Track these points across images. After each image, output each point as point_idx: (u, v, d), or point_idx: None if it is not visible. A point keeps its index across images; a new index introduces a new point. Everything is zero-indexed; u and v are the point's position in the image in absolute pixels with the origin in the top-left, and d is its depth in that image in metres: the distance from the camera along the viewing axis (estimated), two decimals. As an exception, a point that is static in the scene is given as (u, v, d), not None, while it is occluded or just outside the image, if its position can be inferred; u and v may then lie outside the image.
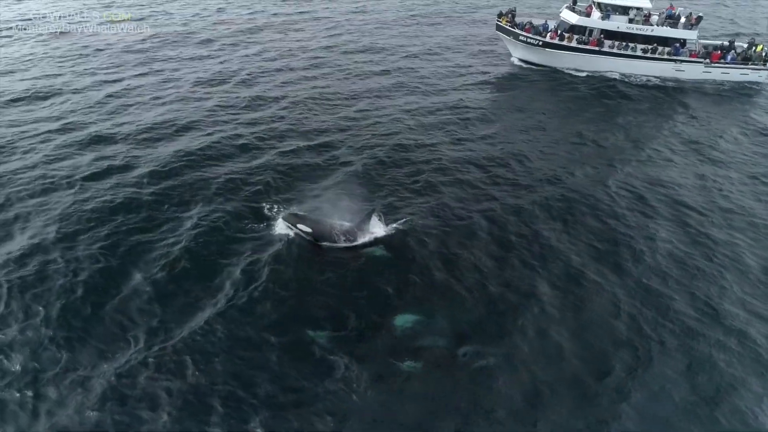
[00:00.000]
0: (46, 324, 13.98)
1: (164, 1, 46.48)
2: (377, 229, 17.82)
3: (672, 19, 34.61)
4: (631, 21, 34.37)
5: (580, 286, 16.43)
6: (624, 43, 34.49)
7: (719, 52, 35.17)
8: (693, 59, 34.79)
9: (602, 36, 34.58)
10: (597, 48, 34.68)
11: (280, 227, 17.58)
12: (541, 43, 35.11)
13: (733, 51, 35.05)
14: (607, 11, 34.36)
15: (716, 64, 34.84)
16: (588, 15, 34.89)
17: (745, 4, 55.76)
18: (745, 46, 35.88)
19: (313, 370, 13.24)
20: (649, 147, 25.90)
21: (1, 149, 22.20)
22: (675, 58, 34.64)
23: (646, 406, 13.03)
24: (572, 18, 34.93)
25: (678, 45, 34.51)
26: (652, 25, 34.40)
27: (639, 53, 34.59)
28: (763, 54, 34.75)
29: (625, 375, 13.72)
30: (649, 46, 34.44)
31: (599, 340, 14.65)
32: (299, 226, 17.26)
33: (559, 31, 35.14)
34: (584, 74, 35.04)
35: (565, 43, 34.83)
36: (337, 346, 13.83)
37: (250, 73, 31.82)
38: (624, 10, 34.33)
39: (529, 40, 35.28)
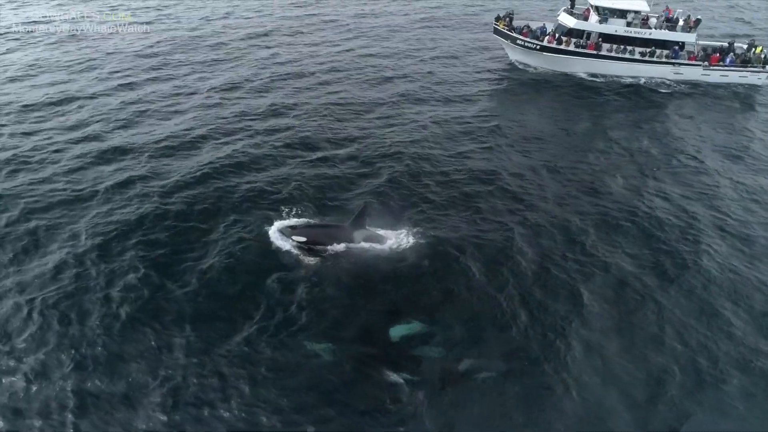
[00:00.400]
0: (82, 339, 14.58)
1: (171, 5, 46.84)
2: (373, 229, 18.47)
3: (670, 22, 34.58)
4: (629, 24, 34.41)
5: (588, 301, 16.73)
6: (622, 47, 34.58)
7: (718, 54, 35.09)
8: (691, 62, 34.78)
9: (600, 39, 34.69)
10: (595, 52, 34.80)
11: (276, 238, 18.08)
12: (538, 47, 35.30)
13: (732, 53, 34.94)
14: (605, 15, 34.43)
15: (715, 67, 34.79)
16: (586, 18, 34.98)
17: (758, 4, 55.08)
18: (745, 47, 35.76)
19: (307, 383, 13.79)
20: (679, 153, 26.33)
21: (20, 160, 22.73)
22: (673, 61, 34.65)
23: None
24: (570, 22, 35.05)
25: (677, 48, 34.50)
26: (650, 28, 34.41)
27: (637, 56, 34.66)
28: (762, 56, 34.59)
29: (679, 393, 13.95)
30: (647, 50, 34.49)
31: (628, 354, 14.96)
32: (294, 237, 17.80)
33: (556, 35, 35.28)
34: (587, 77, 35.18)
35: (563, 47, 34.99)
36: (337, 359, 14.39)
37: (263, 79, 32.07)
38: (622, 13, 34.38)
39: (526, 44, 35.49)
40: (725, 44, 36.16)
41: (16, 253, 17.45)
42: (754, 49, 35.12)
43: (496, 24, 36.77)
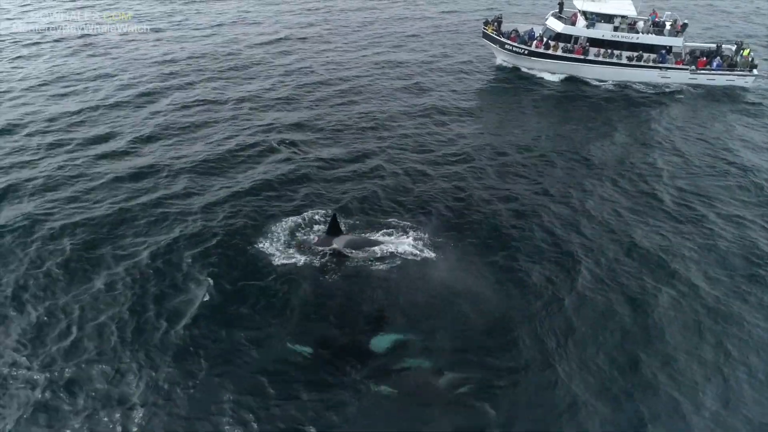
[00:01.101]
0: (122, 345, 15.16)
1: (181, 11, 46.53)
2: (355, 234, 19.12)
3: (657, 27, 34.70)
4: (616, 29, 34.52)
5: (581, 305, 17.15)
6: (609, 51, 34.73)
7: (705, 58, 35.23)
8: (678, 66, 34.93)
9: (588, 44, 34.83)
10: (582, 56, 34.95)
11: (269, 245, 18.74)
12: (526, 51, 35.46)
13: (719, 57, 35.08)
14: (592, 19, 34.54)
15: (702, 71, 34.94)
16: (573, 23, 35.09)
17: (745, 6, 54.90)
18: (734, 49, 35.89)
19: (289, 386, 14.21)
20: (662, 157, 26.74)
21: (51, 177, 22.46)
22: (660, 65, 34.80)
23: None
24: (558, 26, 35.16)
25: (663, 52, 34.63)
26: (637, 32, 34.51)
27: (624, 61, 34.82)
28: (750, 59, 34.73)
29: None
30: (635, 54, 34.64)
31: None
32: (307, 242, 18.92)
33: (544, 39, 35.42)
34: (575, 81, 35.34)
35: (550, 51, 35.14)
36: (318, 363, 14.84)
37: (284, 90, 32.00)
38: (609, 18, 34.48)
39: (514, 48, 35.64)
40: (713, 47, 36.28)
41: (60, 275, 17.53)
42: (741, 51, 35.27)
43: (484, 28, 36.94)
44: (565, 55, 35.13)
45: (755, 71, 34.66)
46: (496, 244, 19.60)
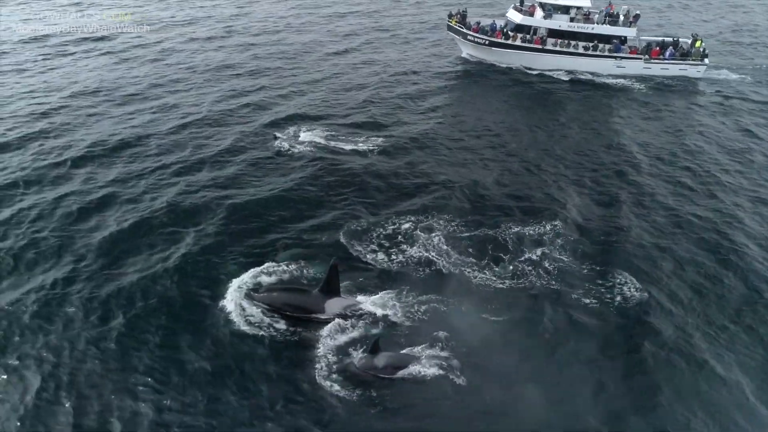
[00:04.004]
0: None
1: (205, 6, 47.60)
2: (351, 297, 16.16)
3: (612, 18, 36.09)
4: (572, 20, 35.92)
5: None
6: (567, 41, 36.08)
7: (658, 48, 36.59)
8: (633, 56, 36.27)
9: (546, 35, 36.18)
10: (540, 46, 36.30)
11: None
12: (487, 42, 36.81)
13: (671, 47, 36.45)
14: (549, 11, 35.94)
15: (655, 60, 36.27)
16: (531, 14, 36.49)
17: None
18: (690, 42, 37.26)
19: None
20: (608, 142, 27.68)
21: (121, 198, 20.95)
22: (616, 55, 36.14)
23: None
24: (517, 17, 36.56)
25: (617, 42, 35.99)
26: (593, 23, 35.90)
27: (581, 51, 36.16)
28: (701, 50, 36.07)
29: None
30: (591, 44, 35.99)
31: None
32: (255, 299, 15.92)
33: (504, 30, 36.79)
34: (535, 72, 36.65)
35: (509, 42, 36.50)
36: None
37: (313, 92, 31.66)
38: (565, 9, 35.89)
39: (476, 39, 37.00)
40: (669, 39, 37.67)
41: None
42: (695, 43, 36.65)
43: (448, 21, 38.34)
44: (524, 45, 36.47)
45: (706, 60, 36.00)
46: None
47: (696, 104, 33.29)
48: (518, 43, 36.40)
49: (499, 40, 36.57)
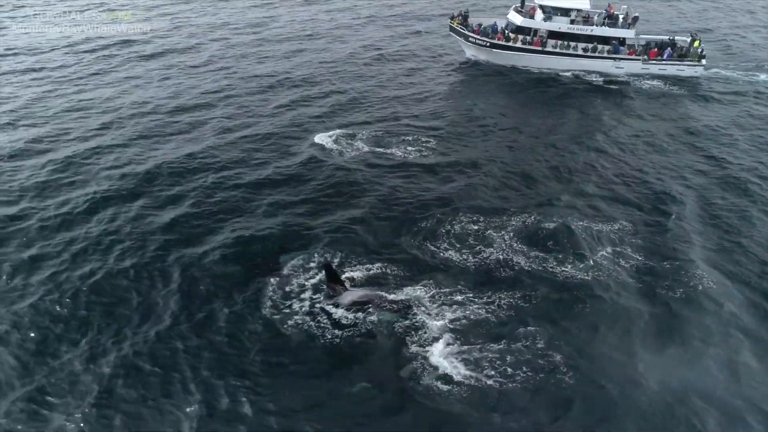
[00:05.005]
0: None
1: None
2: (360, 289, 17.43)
3: (611, 19, 36.75)
4: (572, 22, 36.62)
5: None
6: (566, 43, 36.81)
7: (657, 49, 37.27)
8: (631, 57, 36.99)
9: (546, 36, 36.90)
10: (541, 48, 37.05)
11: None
12: (488, 44, 37.58)
13: (670, 48, 37.11)
14: (549, 13, 36.64)
15: (653, 61, 36.98)
16: (532, 16, 37.20)
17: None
18: (688, 41, 37.88)
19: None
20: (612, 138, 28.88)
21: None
22: (615, 56, 36.86)
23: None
24: (517, 19, 37.28)
25: (616, 43, 36.69)
26: (592, 25, 36.58)
27: (580, 52, 36.89)
28: (699, 50, 36.71)
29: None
30: (590, 45, 36.70)
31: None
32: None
33: (505, 32, 37.53)
34: (535, 72, 37.46)
35: (510, 43, 37.27)
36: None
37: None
38: (565, 11, 36.57)
39: (477, 41, 37.77)
40: (667, 39, 38.29)
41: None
42: (693, 43, 37.26)
43: (450, 23, 39.09)
44: (524, 47, 37.24)
45: (703, 61, 36.66)
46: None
47: (695, 104, 34.02)
48: (519, 44, 37.18)
49: (500, 42, 37.35)
